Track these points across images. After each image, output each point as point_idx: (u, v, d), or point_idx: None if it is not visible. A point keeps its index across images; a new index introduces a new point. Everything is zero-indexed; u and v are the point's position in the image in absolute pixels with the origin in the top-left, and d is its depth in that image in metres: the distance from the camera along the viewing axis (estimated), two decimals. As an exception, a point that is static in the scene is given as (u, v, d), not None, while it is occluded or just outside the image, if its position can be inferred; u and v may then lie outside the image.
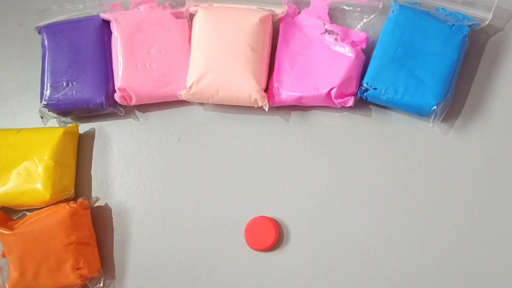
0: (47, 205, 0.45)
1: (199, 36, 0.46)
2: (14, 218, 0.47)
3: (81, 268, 0.44)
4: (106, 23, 0.48)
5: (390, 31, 0.43)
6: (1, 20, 0.54)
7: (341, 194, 0.45)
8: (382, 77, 0.43)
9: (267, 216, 0.45)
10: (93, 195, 0.48)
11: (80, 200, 0.45)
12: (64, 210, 0.44)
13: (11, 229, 0.43)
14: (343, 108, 0.45)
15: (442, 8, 0.43)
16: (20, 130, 0.48)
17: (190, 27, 0.47)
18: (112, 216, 0.48)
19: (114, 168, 0.49)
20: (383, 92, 0.42)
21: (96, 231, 0.47)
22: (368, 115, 0.46)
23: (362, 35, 0.45)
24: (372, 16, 0.45)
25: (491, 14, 0.43)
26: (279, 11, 0.46)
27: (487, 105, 0.44)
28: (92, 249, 0.45)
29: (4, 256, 0.44)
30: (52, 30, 0.48)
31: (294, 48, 0.46)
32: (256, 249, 0.44)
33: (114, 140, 0.49)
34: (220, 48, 0.45)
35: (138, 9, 0.48)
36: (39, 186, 0.45)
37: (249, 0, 0.46)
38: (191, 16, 0.47)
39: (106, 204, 0.48)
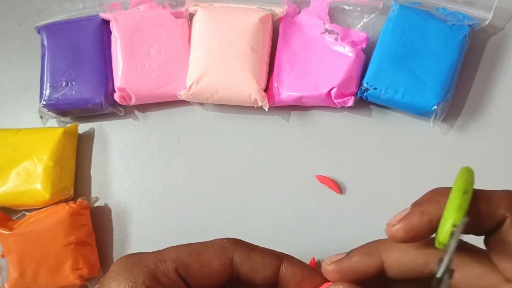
0: (47, 205, 0.45)
1: (199, 36, 0.46)
2: (13, 218, 0.47)
3: (80, 268, 0.43)
4: (106, 22, 0.48)
5: (390, 31, 0.43)
6: (0, 19, 0.54)
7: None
8: (382, 77, 0.43)
9: None
10: (93, 195, 0.48)
11: (79, 200, 0.45)
12: (63, 210, 0.44)
13: (11, 229, 0.43)
14: (343, 108, 0.45)
15: (443, 8, 0.43)
16: (19, 130, 0.47)
17: (190, 26, 0.47)
18: (112, 216, 0.47)
19: (113, 168, 0.49)
20: (383, 92, 0.42)
21: (96, 231, 0.47)
22: (368, 115, 0.46)
23: (362, 35, 0.44)
24: (372, 16, 0.45)
25: (491, 13, 0.42)
26: (279, 10, 0.46)
27: (488, 105, 0.44)
28: (92, 249, 0.45)
29: (3, 256, 0.44)
30: (52, 30, 0.48)
31: (294, 47, 0.46)
32: None
33: (114, 140, 0.49)
34: (219, 48, 0.44)
35: (138, 8, 0.48)
36: (38, 186, 0.44)
37: (249, -1, 0.46)
38: (191, 16, 0.47)
39: (105, 204, 0.48)
